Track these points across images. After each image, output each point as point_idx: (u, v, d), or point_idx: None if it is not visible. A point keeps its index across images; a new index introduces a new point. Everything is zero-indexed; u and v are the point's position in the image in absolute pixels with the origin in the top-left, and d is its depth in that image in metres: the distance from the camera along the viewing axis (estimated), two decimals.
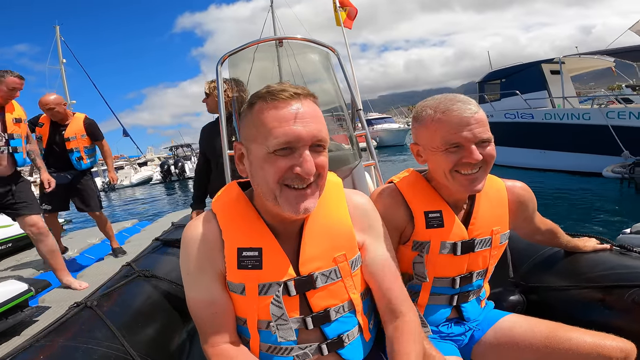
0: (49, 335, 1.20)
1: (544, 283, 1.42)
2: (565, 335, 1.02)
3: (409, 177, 1.20)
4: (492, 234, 1.15)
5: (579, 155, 9.08)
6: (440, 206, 1.13)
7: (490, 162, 1.05)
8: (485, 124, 1.03)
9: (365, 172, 2.02)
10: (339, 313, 0.93)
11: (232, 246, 0.89)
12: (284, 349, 0.91)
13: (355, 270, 0.95)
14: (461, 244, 1.12)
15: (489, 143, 1.04)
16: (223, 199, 0.96)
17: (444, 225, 1.11)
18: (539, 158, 9.82)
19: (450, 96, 1.07)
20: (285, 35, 2.10)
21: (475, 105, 1.04)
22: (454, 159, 1.04)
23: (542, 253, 1.51)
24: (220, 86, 1.95)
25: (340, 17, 3.52)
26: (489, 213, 1.15)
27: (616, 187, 7.60)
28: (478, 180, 1.05)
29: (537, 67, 10.52)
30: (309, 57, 2.20)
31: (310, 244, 0.91)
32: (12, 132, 2.73)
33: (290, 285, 0.88)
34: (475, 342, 1.18)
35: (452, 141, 1.03)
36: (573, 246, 1.42)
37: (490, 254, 1.17)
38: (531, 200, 1.23)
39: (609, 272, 1.27)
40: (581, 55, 10.25)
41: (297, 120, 0.81)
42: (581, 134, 8.92)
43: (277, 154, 0.81)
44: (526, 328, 1.11)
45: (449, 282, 1.15)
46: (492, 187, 1.18)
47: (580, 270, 1.35)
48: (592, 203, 6.92)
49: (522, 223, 1.27)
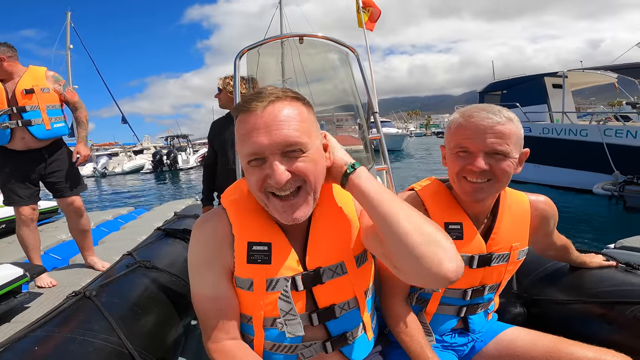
0: (45, 325, 1.18)
1: (546, 296, 1.42)
2: (567, 350, 1.02)
3: (431, 186, 1.18)
4: (511, 249, 1.13)
5: (573, 171, 9.10)
6: (461, 218, 1.11)
7: (501, 176, 1.02)
8: (506, 136, 1.00)
9: (377, 176, 2.01)
10: (343, 309, 0.93)
11: (242, 240, 0.89)
12: (288, 346, 0.92)
13: (361, 266, 0.95)
14: (478, 257, 1.10)
15: (503, 157, 1.01)
16: (233, 195, 0.96)
17: (463, 238, 1.09)
18: (533, 172, 9.81)
19: (483, 105, 1.05)
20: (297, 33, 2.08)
21: (503, 117, 1.01)
22: (460, 163, 1.04)
23: (546, 267, 1.52)
24: (238, 79, 1.93)
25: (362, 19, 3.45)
26: (510, 229, 1.14)
27: (605, 204, 7.68)
28: (483, 191, 1.04)
29: (540, 80, 10.49)
30: (326, 56, 2.19)
31: (317, 239, 0.91)
32: (24, 105, 2.44)
33: (298, 280, 0.88)
34: (475, 353, 1.18)
35: (462, 145, 1.03)
36: (580, 262, 1.42)
37: (506, 269, 1.15)
38: (553, 216, 1.21)
39: (612, 289, 1.28)
40: (585, 70, 10.28)
41: (262, 129, 0.78)
42: (577, 150, 8.93)
43: (251, 164, 0.81)
44: (527, 341, 1.10)
45: (460, 293, 1.14)
46: (515, 203, 1.16)
47: (584, 285, 1.36)
48: (580, 218, 6.99)
49: (542, 238, 1.25)
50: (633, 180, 7.52)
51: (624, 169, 7.94)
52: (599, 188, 7.84)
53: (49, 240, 3.66)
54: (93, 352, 1.11)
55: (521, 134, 1.04)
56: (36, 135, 2.46)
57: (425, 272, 0.73)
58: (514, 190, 1.19)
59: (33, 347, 1.08)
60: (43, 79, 2.55)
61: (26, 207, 2.46)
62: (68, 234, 3.76)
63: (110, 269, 1.77)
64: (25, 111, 2.44)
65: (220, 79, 2.58)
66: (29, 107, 2.46)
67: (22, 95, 2.45)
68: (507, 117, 1.01)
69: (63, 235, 3.89)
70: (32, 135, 2.44)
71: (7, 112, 2.41)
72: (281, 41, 2.19)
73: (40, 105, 2.49)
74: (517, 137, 1.02)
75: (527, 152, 1.07)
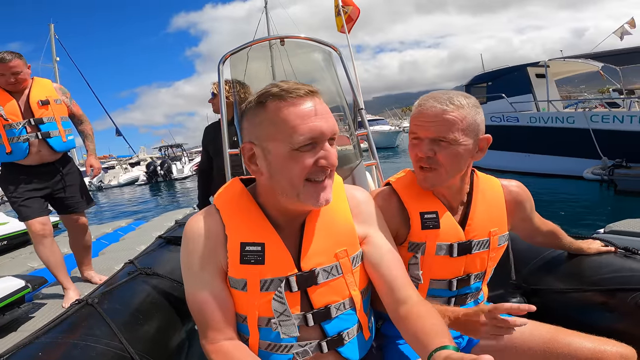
0: (49, 332, 1.20)
1: (545, 285, 1.42)
2: (565, 340, 1.01)
3: (405, 178, 1.19)
4: (489, 235, 1.14)
5: (563, 158, 9.20)
6: (436, 207, 1.13)
7: (445, 163, 1.04)
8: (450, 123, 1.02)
9: (367, 171, 2.03)
10: (339, 310, 0.93)
11: (235, 241, 0.90)
12: (283, 346, 0.91)
13: (356, 267, 0.95)
14: (457, 245, 1.11)
15: (448, 144, 1.03)
16: (226, 195, 0.97)
17: (439, 226, 1.10)
18: (524, 161, 9.89)
19: (435, 93, 1.08)
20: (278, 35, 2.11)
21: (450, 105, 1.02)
22: (414, 151, 1.09)
23: (544, 255, 1.51)
24: (222, 85, 1.96)
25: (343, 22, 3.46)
26: (486, 214, 1.15)
27: (596, 188, 7.82)
28: (428, 179, 1.08)
29: (523, 70, 10.63)
30: (311, 56, 2.22)
31: (311, 240, 0.92)
32: (41, 116, 2.34)
33: (292, 281, 0.89)
34: (473, 345, 1.17)
35: (413, 131, 1.08)
36: (576, 248, 1.42)
37: (489, 256, 1.16)
38: (528, 200, 1.23)
39: (612, 275, 1.27)
40: (566, 59, 10.43)
41: (318, 116, 0.84)
42: (565, 137, 9.04)
43: (302, 150, 0.83)
44: (525, 332, 1.08)
45: (446, 284, 1.14)
46: (488, 188, 1.18)
47: (584, 272, 1.35)
48: (572, 204, 7.07)
49: (521, 223, 1.26)
50: (622, 163, 7.68)
51: (612, 154, 8.05)
52: (589, 173, 8.04)
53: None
54: (95, 357, 1.11)
55: (475, 120, 1.05)
56: (55, 148, 2.38)
57: None
58: (486, 175, 1.21)
59: (37, 353, 1.09)
60: (53, 91, 2.48)
61: (36, 223, 2.31)
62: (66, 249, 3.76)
63: (112, 277, 1.78)
64: (43, 123, 2.36)
65: (213, 84, 2.58)
66: (46, 118, 2.37)
67: (39, 106, 2.36)
68: (457, 105, 1.03)
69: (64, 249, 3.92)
70: (50, 148, 2.37)
71: (24, 124, 2.32)
72: (269, 44, 2.21)
73: (55, 116, 2.41)
74: (468, 124, 1.03)
75: (487, 137, 1.09)
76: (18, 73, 2.26)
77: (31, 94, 2.37)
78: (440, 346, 0.76)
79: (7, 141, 2.30)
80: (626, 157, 7.75)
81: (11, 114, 2.31)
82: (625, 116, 8.38)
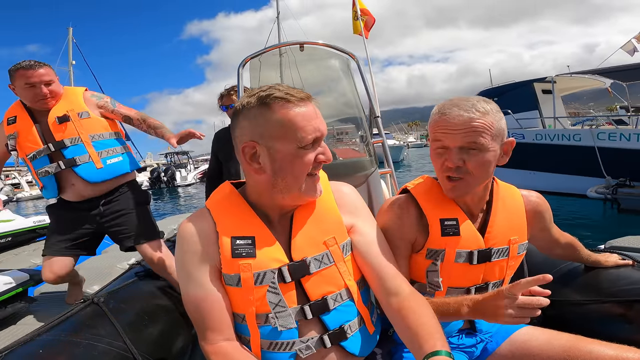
0: (52, 330, 1.19)
1: (562, 297, 1.39)
2: (586, 348, 0.99)
3: (424, 184, 1.18)
4: (509, 243, 1.13)
5: (568, 176, 9.13)
6: (456, 214, 1.11)
7: (476, 171, 1.03)
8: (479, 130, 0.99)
9: (381, 179, 2.01)
10: (337, 301, 0.94)
11: (226, 236, 0.93)
12: (285, 343, 0.92)
13: (347, 255, 0.98)
14: (477, 252, 1.09)
15: (478, 151, 1.01)
16: (216, 196, 1.02)
17: (459, 234, 1.09)
18: (528, 179, 9.76)
19: (457, 100, 1.06)
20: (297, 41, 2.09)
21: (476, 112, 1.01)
22: (439, 160, 1.07)
23: (560, 268, 1.49)
24: (241, 88, 1.95)
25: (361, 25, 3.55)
26: (506, 222, 1.14)
27: (600, 207, 7.80)
28: (457, 189, 1.06)
29: (529, 86, 10.58)
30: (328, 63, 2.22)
31: (300, 231, 0.96)
32: (62, 138, 1.82)
33: (285, 271, 0.91)
34: (488, 355, 1.15)
35: (438, 140, 1.06)
36: (594, 261, 1.40)
37: (508, 265, 1.14)
38: (547, 210, 1.22)
39: (631, 287, 1.24)
40: (572, 74, 10.43)
41: (318, 118, 0.92)
42: (570, 155, 8.98)
43: (306, 148, 0.90)
44: (543, 341, 1.07)
45: (463, 292, 1.12)
46: (508, 196, 1.17)
47: (601, 284, 1.32)
48: (575, 222, 7.04)
49: (540, 234, 1.25)
50: (625, 182, 7.63)
51: (618, 172, 7.99)
52: (593, 192, 7.96)
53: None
54: (97, 356, 1.11)
55: (501, 125, 1.04)
56: (86, 178, 1.82)
57: None
58: (506, 183, 1.20)
59: (38, 350, 1.09)
60: (80, 102, 1.91)
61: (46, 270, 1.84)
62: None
63: (119, 278, 1.77)
64: (65, 146, 1.82)
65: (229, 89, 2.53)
66: (68, 140, 1.83)
67: (56, 126, 1.82)
68: (482, 111, 1.02)
69: None
70: (81, 178, 1.82)
71: (44, 151, 1.82)
72: (279, 51, 2.22)
73: (82, 136, 1.84)
74: (496, 130, 1.03)
75: (511, 141, 1.08)
76: (50, 83, 1.82)
77: (51, 112, 1.86)
78: (433, 351, 0.79)
79: (37, 175, 1.86)
80: (631, 176, 7.73)
81: (27, 141, 1.83)
82: (632, 134, 8.36)
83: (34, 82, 1.78)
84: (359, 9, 3.79)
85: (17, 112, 1.88)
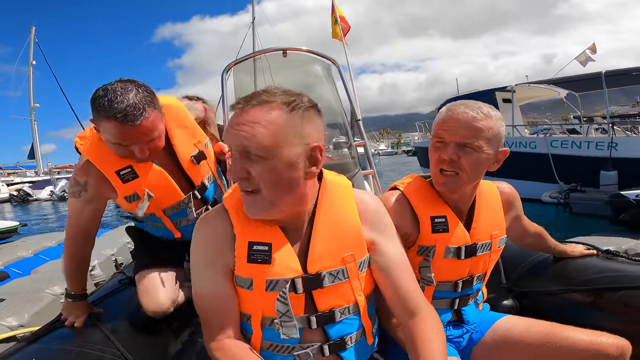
0: (42, 338, 1.17)
1: (536, 288, 1.48)
2: (562, 334, 1.06)
3: (414, 183, 1.22)
4: (491, 238, 1.19)
5: (524, 182, 9.66)
6: (445, 211, 1.16)
7: (468, 168, 1.08)
8: (478, 131, 1.06)
9: (364, 180, 2.07)
10: (343, 314, 0.93)
11: (243, 240, 0.91)
12: (285, 347, 0.91)
13: (363, 272, 0.95)
14: (465, 248, 1.15)
15: (473, 150, 1.07)
16: (235, 197, 0.96)
17: (449, 230, 1.14)
18: None
19: (466, 101, 1.13)
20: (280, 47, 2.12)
21: (480, 113, 1.07)
22: (436, 153, 1.11)
23: (532, 259, 1.58)
24: (225, 94, 1.94)
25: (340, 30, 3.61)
26: (489, 218, 1.20)
27: (553, 211, 8.28)
28: (449, 183, 1.11)
29: (491, 95, 11.03)
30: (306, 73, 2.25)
31: (319, 243, 0.92)
32: (202, 179, 1.46)
33: (298, 283, 0.89)
34: (474, 344, 1.21)
35: (439, 135, 1.11)
36: (561, 251, 1.49)
37: (490, 258, 1.21)
38: (517, 198, 1.30)
39: (598, 276, 1.34)
40: (530, 84, 11.02)
41: (229, 128, 0.86)
42: (527, 161, 9.39)
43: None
44: (523, 328, 1.14)
45: (451, 285, 1.18)
46: (489, 193, 1.24)
47: (571, 274, 1.42)
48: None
49: (514, 223, 1.31)
50: (577, 187, 8.15)
51: (569, 178, 8.50)
52: (547, 196, 8.49)
53: (9, 256, 3.69)
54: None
55: (499, 131, 1.10)
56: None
57: None
58: (484, 180, 1.25)
59: (30, 358, 1.07)
60: (196, 126, 1.50)
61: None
62: (28, 251, 3.83)
63: (102, 287, 1.72)
64: (206, 188, 1.48)
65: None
66: (207, 179, 1.48)
67: (192, 166, 1.43)
68: (485, 114, 1.08)
69: (24, 252, 3.86)
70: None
71: (188, 201, 1.42)
72: (254, 58, 2.23)
73: (213, 170, 1.52)
74: (494, 134, 1.08)
75: (505, 151, 1.14)
76: (154, 138, 1.27)
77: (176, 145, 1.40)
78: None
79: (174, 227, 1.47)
80: (582, 182, 8.21)
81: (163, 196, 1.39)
82: (582, 142, 8.96)
83: (128, 144, 1.25)
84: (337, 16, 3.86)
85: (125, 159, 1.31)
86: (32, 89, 23.02)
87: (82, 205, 1.32)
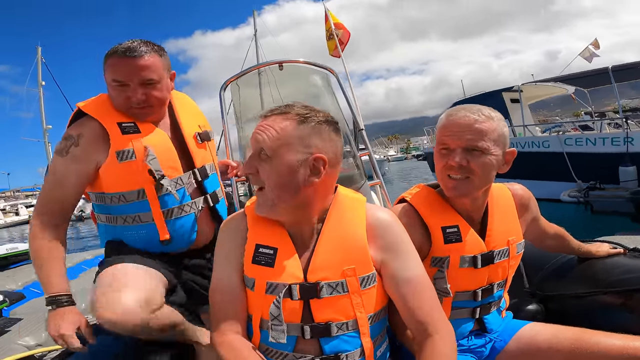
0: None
1: (560, 291, 1.41)
2: (592, 340, 1.01)
3: (421, 193, 1.20)
4: (508, 244, 1.15)
5: (541, 182, 9.39)
6: (456, 220, 1.13)
7: (478, 172, 1.05)
8: (483, 133, 1.04)
9: (371, 191, 2.03)
10: (341, 330, 0.92)
11: (252, 242, 0.97)
12: (279, 353, 0.94)
13: (366, 288, 0.94)
14: (481, 256, 1.11)
15: (481, 153, 1.05)
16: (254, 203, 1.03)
17: (462, 240, 1.11)
18: None
19: (465, 105, 1.11)
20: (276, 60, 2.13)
21: (481, 115, 1.05)
22: (443, 160, 1.09)
23: (555, 261, 1.51)
24: (224, 111, 1.95)
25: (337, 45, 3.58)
26: (503, 224, 1.16)
27: (573, 210, 8.14)
28: (460, 187, 1.08)
29: (499, 96, 10.98)
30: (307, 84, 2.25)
31: (322, 253, 0.95)
32: (203, 163, 1.36)
33: (294, 289, 0.92)
34: (497, 353, 1.16)
35: (443, 142, 1.09)
36: (585, 251, 1.42)
37: (509, 264, 1.17)
38: (532, 199, 1.26)
39: (627, 276, 1.27)
40: (537, 82, 10.88)
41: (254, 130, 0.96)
42: (541, 161, 9.29)
43: None
44: (549, 335, 1.09)
45: (471, 295, 1.14)
46: (502, 197, 1.20)
47: (598, 275, 1.34)
48: None
49: (531, 226, 1.27)
50: (596, 185, 7.99)
51: (586, 175, 8.36)
52: (566, 196, 8.34)
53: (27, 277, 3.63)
54: None
55: (503, 132, 1.08)
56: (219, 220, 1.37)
57: None
58: (496, 183, 1.22)
59: None
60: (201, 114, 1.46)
61: None
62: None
63: None
64: (207, 176, 1.36)
65: None
66: (208, 167, 1.37)
67: (197, 144, 1.34)
68: (487, 116, 1.06)
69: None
70: (213, 223, 1.37)
71: (187, 180, 1.30)
72: (258, 71, 2.24)
73: (215, 162, 1.43)
74: (498, 135, 1.07)
75: (513, 151, 1.11)
76: (152, 82, 1.22)
77: (181, 121, 1.34)
78: None
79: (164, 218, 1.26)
80: (600, 179, 8.06)
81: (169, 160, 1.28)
82: (597, 138, 8.76)
83: (125, 81, 1.20)
84: (332, 25, 3.81)
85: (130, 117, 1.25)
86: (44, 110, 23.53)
87: (68, 165, 1.21)
